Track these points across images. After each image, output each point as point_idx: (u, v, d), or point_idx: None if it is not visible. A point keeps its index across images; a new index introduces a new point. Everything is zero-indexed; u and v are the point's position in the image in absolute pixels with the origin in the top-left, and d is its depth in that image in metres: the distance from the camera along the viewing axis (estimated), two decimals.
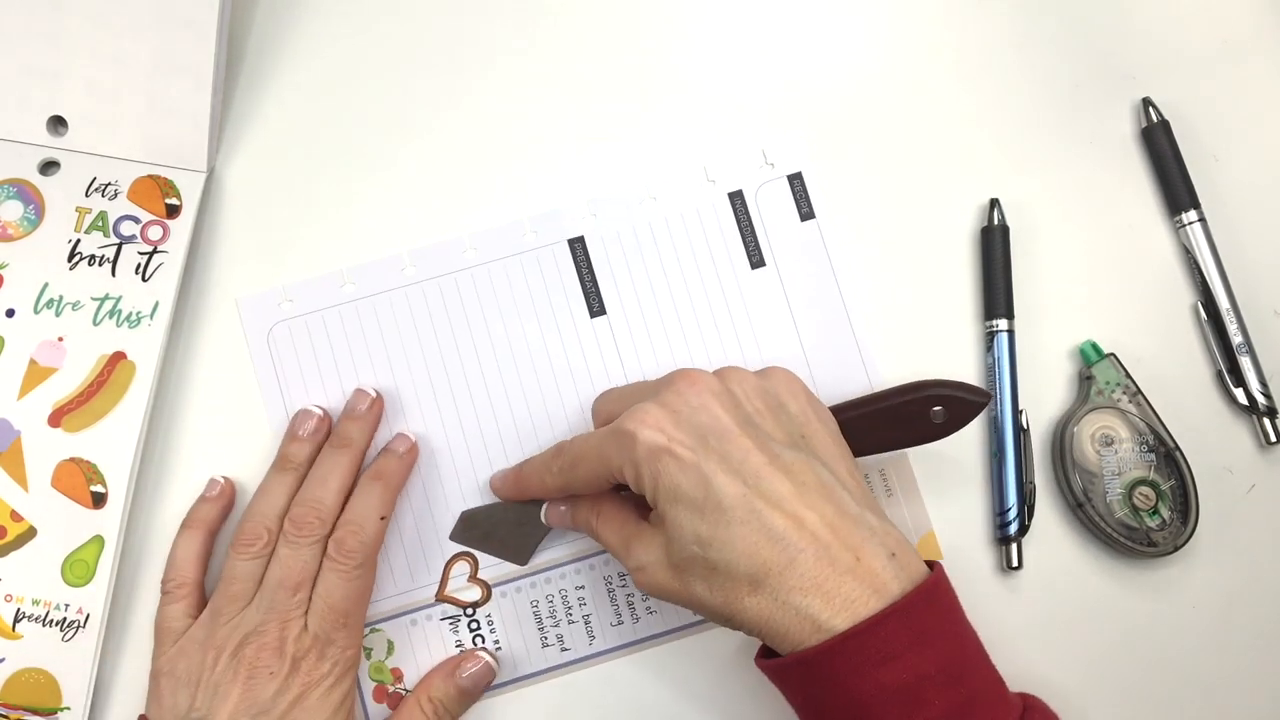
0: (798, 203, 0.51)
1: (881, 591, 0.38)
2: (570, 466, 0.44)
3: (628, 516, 0.44)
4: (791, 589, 0.37)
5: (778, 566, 0.38)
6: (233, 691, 0.42)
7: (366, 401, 0.48)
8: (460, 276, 0.50)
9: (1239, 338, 0.49)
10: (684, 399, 0.41)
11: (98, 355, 0.48)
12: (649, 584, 0.41)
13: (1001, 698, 0.39)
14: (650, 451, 0.39)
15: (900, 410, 0.45)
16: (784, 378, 0.43)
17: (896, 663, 0.36)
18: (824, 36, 0.53)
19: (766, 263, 0.50)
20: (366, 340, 0.50)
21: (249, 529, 0.45)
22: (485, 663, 0.47)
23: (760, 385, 0.42)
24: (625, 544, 0.43)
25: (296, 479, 0.47)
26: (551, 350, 0.50)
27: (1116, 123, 0.52)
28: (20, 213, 0.49)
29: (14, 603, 0.46)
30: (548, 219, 0.51)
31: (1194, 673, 0.48)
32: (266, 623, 0.43)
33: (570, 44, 0.52)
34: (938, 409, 0.44)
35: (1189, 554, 0.48)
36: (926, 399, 0.44)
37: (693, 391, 0.41)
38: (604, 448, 0.41)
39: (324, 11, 0.53)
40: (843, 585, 0.37)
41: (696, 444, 0.39)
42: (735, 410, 0.41)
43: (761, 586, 0.38)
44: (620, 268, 0.50)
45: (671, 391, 0.41)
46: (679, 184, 0.51)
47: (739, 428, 0.40)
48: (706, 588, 0.39)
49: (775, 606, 0.38)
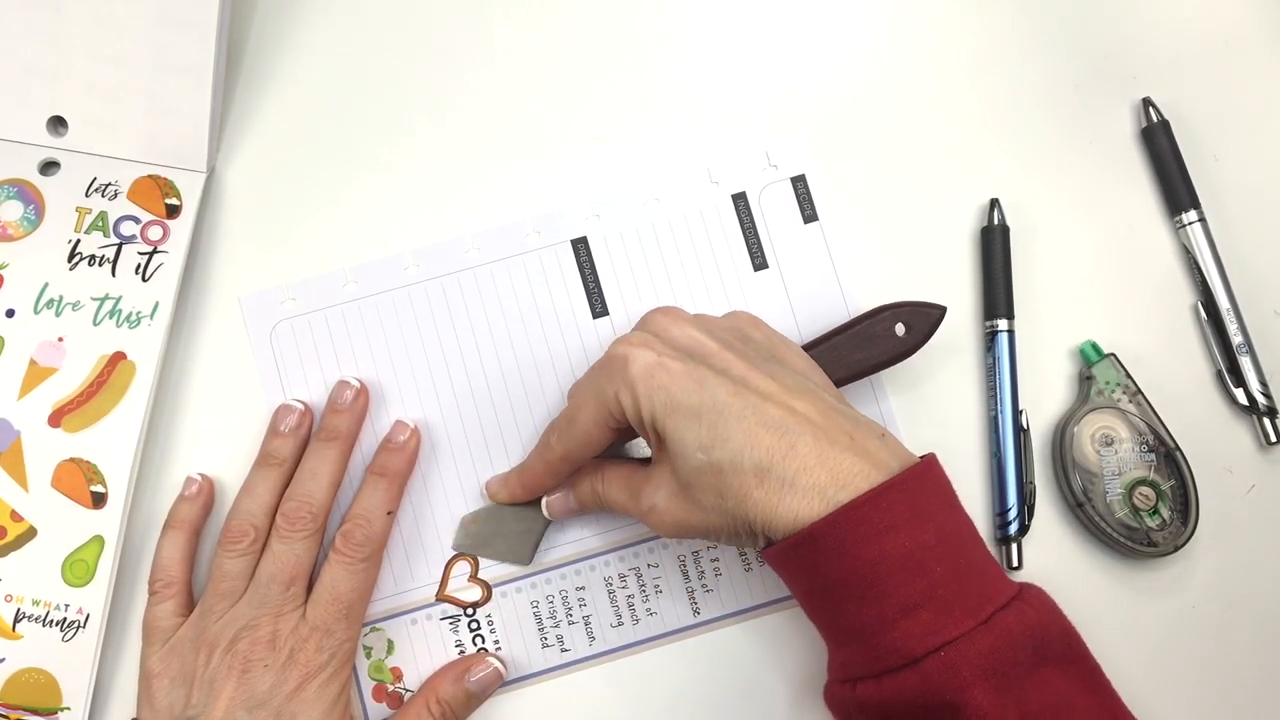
0: (801, 205, 0.51)
1: (880, 467, 0.39)
2: (568, 422, 0.44)
3: (632, 469, 0.45)
4: (797, 470, 0.38)
5: (780, 451, 0.39)
6: (227, 685, 0.42)
7: (351, 392, 0.48)
8: (463, 276, 0.50)
9: (1239, 338, 0.49)
10: (662, 325, 0.43)
11: (98, 355, 0.48)
12: (663, 520, 0.42)
13: (999, 575, 0.40)
14: (644, 369, 0.41)
15: (864, 331, 0.47)
16: (746, 317, 0.46)
17: (899, 532, 0.38)
18: (826, 38, 0.53)
19: (769, 265, 0.50)
20: (369, 339, 0.50)
21: (235, 526, 0.45)
22: (494, 668, 0.47)
23: (725, 322, 0.45)
24: (633, 493, 0.44)
25: (281, 474, 0.47)
26: (554, 351, 0.50)
27: (1116, 123, 0.52)
28: (20, 213, 0.49)
29: (14, 603, 0.46)
30: (551, 219, 0.51)
31: (1194, 673, 0.48)
32: (259, 617, 0.43)
33: (574, 44, 0.52)
34: (899, 325, 0.46)
35: (1189, 554, 0.48)
36: (888, 316, 0.47)
37: (668, 320, 0.43)
38: (597, 382, 0.43)
39: (324, 11, 0.53)
40: (843, 461, 0.39)
41: (684, 356, 0.41)
42: (711, 334, 0.43)
43: (768, 475, 0.39)
44: (623, 269, 0.50)
45: (649, 323, 0.44)
46: (682, 185, 0.51)
47: (719, 346, 0.42)
48: (716, 495, 0.40)
49: (784, 490, 0.39)
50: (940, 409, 0.49)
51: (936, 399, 0.50)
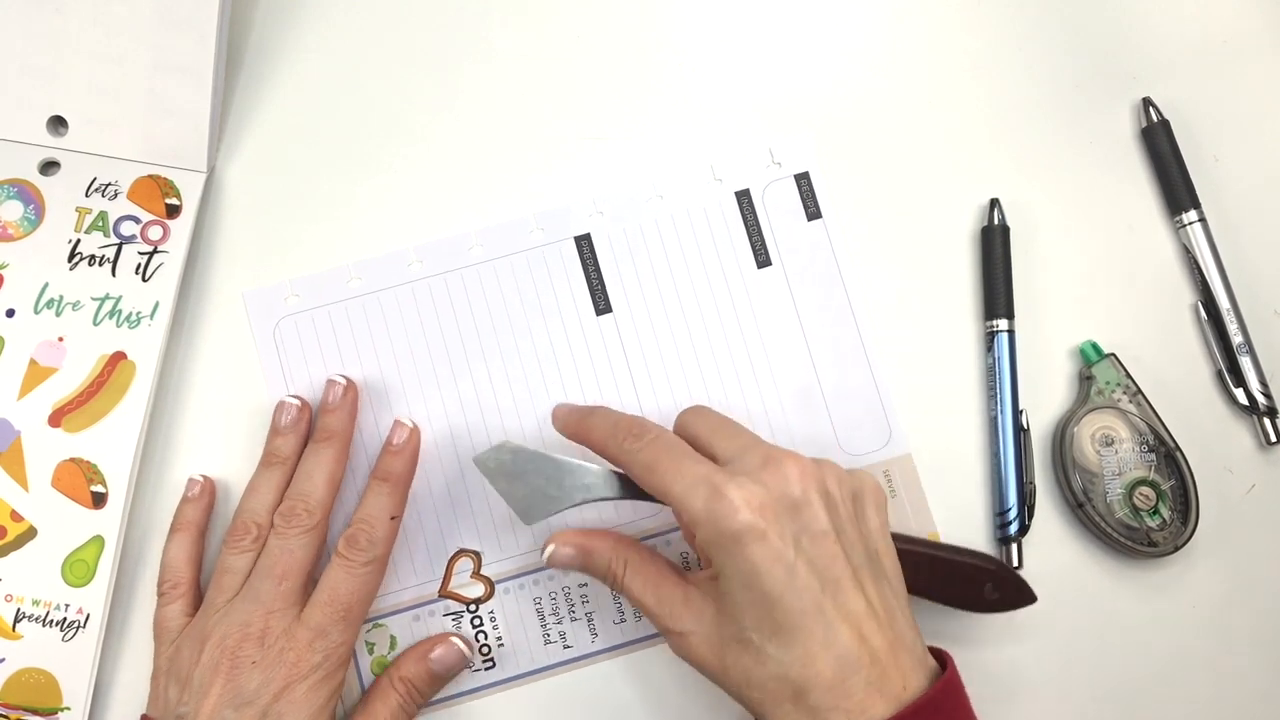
0: (804, 202, 0.51)
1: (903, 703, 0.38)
2: (641, 463, 0.41)
3: (665, 573, 0.42)
4: (834, 705, 0.37)
5: (828, 680, 0.38)
6: (215, 683, 0.42)
7: (339, 389, 0.48)
8: (466, 273, 0.50)
9: (1239, 338, 0.49)
10: (788, 485, 0.40)
11: (98, 355, 0.48)
12: (689, 652, 0.41)
13: None
14: (745, 530, 0.38)
15: (960, 571, 0.45)
16: (873, 487, 0.42)
17: None
18: (828, 36, 0.53)
19: (773, 262, 0.50)
20: (372, 335, 0.50)
21: (238, 524, 0.46)
22: (457, 648, 0.46)
23: (853, 488, 0.42)
24: (665, 605, 0.42)
25: (283, 473, 0.47)
26: (557, 347, 0.50)
27: (1116, 123, 0.52)
28: (20, 213, 0.49)
29: (14, 603, 0.46)
30: (554, 216, 0.51)
31: (1194, 673, 0.48)
32: (252, 613, 0.43)
33: (575, 41, 0.52)
34: (990, 585, 0.45)
35: (1189, 554, 0.48)
36: (989, 572, 0.45)
37: (798, 480, 0.40)
38: (691, 493, 0.39)
39: (324, 10, 0.52)
40: (877, 707, 0.37)
41: (791, 537, 0.39)
42: (832, 512, 0.40)
43: (805, 697, 0.38)
44: (626, 266, 0.50)
45: (777, 474, 0.40)
46: (686, 182, 0.51)
47: (833, 531, 0.39)
48: (745, 678, 0.39)
49: (811, 717, 0.38)
50: (940, 409, 0.50)
51: (936, 399, 0.50)
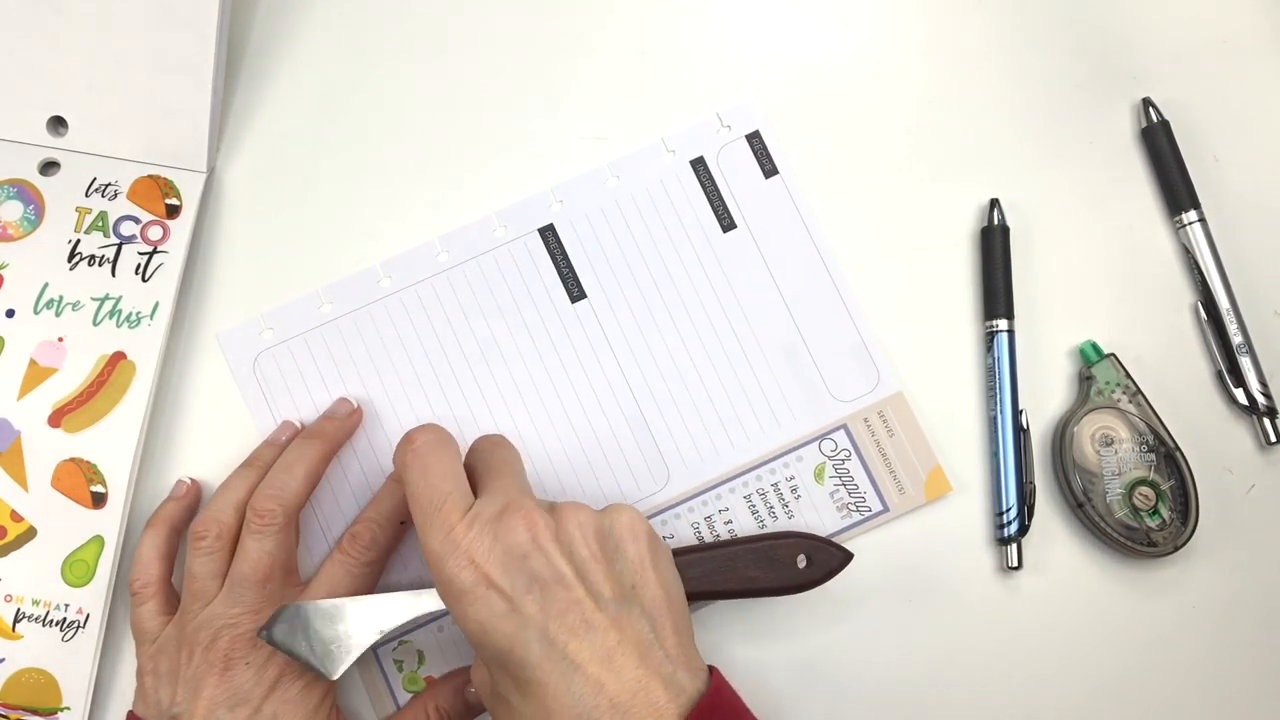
0: (760, 161, 0.51)
1: None
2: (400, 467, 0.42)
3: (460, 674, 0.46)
4: None
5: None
6: (208, 683, 0.42)
7: (347, 409, 0.48)
8: (436, 281, 0.50)
9: (1239, 338, 0.49)
10: (514, 535, 0.39)
11: (98, 355, 0.48)
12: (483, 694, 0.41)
13: None
14: (466, 591, 0.38)
15: (766, 552, 0.45)
16: (628, 520, 0.41)
17: None
18: (828, 36, 0.53)
19: (737, 224, 0.50)
20: (352, 356, 0.49)
21: (199, 524, 0.45)
22: None
23: (598, 526, 0.40)
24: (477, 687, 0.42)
25: (257, 474, 0.46)
26: (538, 341, 0.50)
27: (1116, 123, 0.52)
28: (20, 213, 0.49)
29: (14, 603, 0.46)
30: (515, 212, 0.51)
31: (1194, 673, 0.48)
32: (240, 615, 0.43)
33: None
34: (802, 556, 0.45)
35: (1189, 554, 0.48)
36: (792, 544, 0.45)
37: (524, 530, 0.39)
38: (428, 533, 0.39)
39: (324, 11, 0.52)
40: None
41: (520, 590, 0.38)
42: (569, 556, 0.39)
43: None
44: (594, 250, 0.50)
45: (506, 524, 0.39)
46: (639, 159, 0.51)
47: (571, 575, 0.38)
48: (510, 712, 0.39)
49: None
50: (940, 409, 0.49)
51: (936, 399, 0.50)
